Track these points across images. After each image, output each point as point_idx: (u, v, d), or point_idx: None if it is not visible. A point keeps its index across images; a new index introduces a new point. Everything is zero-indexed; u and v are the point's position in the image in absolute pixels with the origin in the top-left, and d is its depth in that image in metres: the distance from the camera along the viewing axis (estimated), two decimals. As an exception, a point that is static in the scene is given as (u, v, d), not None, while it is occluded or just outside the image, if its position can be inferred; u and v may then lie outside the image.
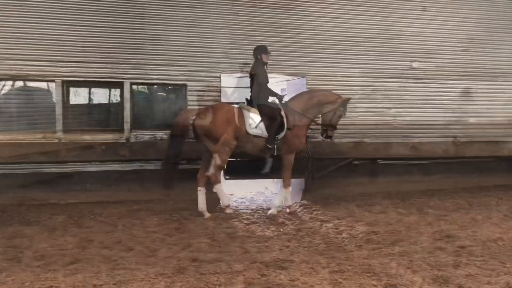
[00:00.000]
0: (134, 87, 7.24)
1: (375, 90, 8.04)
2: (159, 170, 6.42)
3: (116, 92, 7.25)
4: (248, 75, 6.74)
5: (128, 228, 5.61)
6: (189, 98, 7.27)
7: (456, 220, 6.03)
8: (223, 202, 6.48)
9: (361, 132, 8.03)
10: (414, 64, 8.32)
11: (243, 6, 7.47)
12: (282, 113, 6.42)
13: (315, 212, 6.66)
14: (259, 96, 6.46)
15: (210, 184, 6.36)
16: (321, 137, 6.79)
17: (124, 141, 7.06)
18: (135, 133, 7.12)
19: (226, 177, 7.00)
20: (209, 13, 7.35)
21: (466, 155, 8.50)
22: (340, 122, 7.58)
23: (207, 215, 6.26)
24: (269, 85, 6.56)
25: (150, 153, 7.06)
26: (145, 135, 7.15)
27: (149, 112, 7.31)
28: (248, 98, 6.64)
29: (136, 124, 7.21)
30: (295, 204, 6.79)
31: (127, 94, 7.11)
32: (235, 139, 6.21)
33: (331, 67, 7.85)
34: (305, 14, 7.77)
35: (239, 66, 7.44)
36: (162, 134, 7.18)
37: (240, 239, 5.18)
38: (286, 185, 6.55)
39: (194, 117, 6.17)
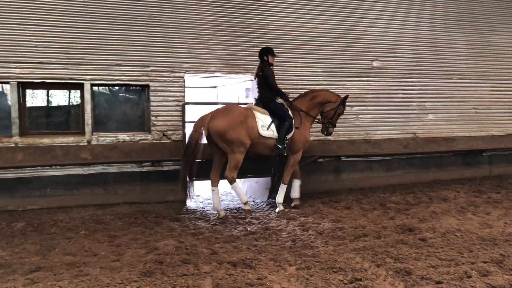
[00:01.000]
0: (95, 88, 7.05)
1: (337, 89, 8.17)
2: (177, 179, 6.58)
3: (76, 94, 7.04)
4: (253, 76, 6.96)
5: (91, 233, 5.47)
6: (152, 99, 7.16)
7: (417, 213, 6.25)
8: (241, 199, 6.60)
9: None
10: (375, 63, 8.52)
11: (207, 6, 7.42)
12: (290, 113, 6.71)
13: (281, 211, 6.73)
14: (269, 96, 6.72)
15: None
16: (323, 135, 7.14)
17: (86, 143, 6.87)
18: (96, 136, 6.94)
19: (194, 178, 6.94)
20: (172, 12, 7.25)
21: (425, 151, 8.80)
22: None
23: (222, 214, 6.40)
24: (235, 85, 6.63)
25: (113, 155, 6.91)
26: (107, 137, 6.98)
27: (111, 113, 7.15)
28: (256, 98, 6.89)
29: (98, 126, 7.03)
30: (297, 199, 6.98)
31: (87, 96, 6.92)
32: (249, 140, 6.41)
33: (294, 66, 7.92)
34: (268, 14, 7.81)
35: (203, 66, 7.39)
36: (125, 136, 7.04)
37: (207, 240, 5.17)
38: (285, 181, 6.82)
39: (209, 119, 6.32)
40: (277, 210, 6.69)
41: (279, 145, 6.55)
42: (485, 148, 9.34)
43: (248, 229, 5.70)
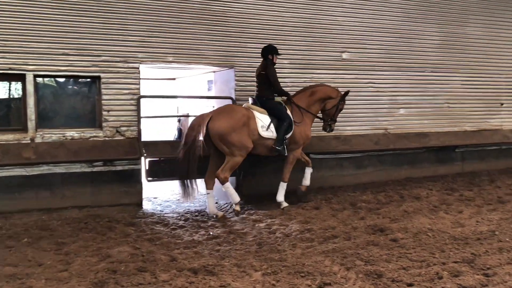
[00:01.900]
0: (39, 80, 6.82)
1: (305, 82, 8.26)
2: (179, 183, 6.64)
3: (17, 86, 6.79)
4: (256, 74, 7.12)
5: (35, 240, 5.30)
6: (103, 92, 7.00)
7: (388, 213, 6.42)
8: (233, 200, 6.67)
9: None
10: (344, 55, 8.67)
11: (164, -10, 7.32)
12: (288, 112, 6.95)
13: (247, 212, 6.80)
14: (269, 95, 6.94)
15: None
16: (325, 132, 7.50)
17: (29, 141, 6.64)
18: (41, 133, 6.71)
19: (149, 178, 6.87)
20: (125, -3, 7.11)
21: (397, 147, 9.04)
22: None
23: (220, 214, 6.56)
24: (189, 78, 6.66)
25: (60, 154, 6.70)
26: (53, 134, 6.77)
27: (58, 108, 6.93)
28: (254, 97, 7.06)
29: (43, 122, 6.80)
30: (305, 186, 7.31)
31: (30, 88, 6.68)
32: (251, 143, 6.61)
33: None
34: (232, 1, 7.79)
35: (161, 56, 7.29)
36: (73, 133, 6.85)
37: (165, 246, 5.12)
38: (285, 178, 7.08)
39: (208, 120, 6.43)
40: (282, 207, 6.91)
41: (277, 147, 6.76)
42: (458, 144, 9.70)
43: (211, 233, 5.69)
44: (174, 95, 9.99)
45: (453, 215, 6.27)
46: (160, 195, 8.46)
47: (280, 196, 7.02)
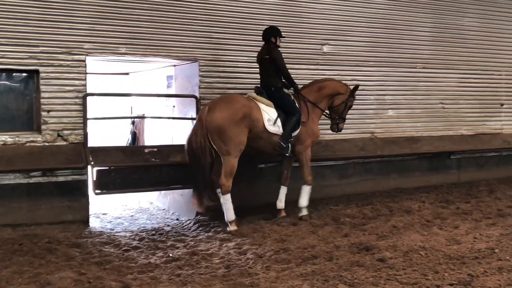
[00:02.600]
0: (-36, 73, 6.65)
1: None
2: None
3: None
4: (257, 60, 7.24)
5: (-42, 266, 5.14)
6: (42, 88, 6.87)
7: (375, 229, 6.51)
8: (227, 217, 6.71)
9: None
10: (325, 48, 8.78)
11: (115, -30, 7.26)
12: (296, 105, 7.12)
13: (213, 230, 6.80)
14: (276, 84, 7.06)
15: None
16: (333, 131, 7.79)
17: (-49, 147, 6.45)
18: (-34, 137, 6.54)
19: (97, 191, 6.79)
20: (69, -23, 7.02)
21: (385, 154, 9.19)
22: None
23: (233, 227, 6.64)
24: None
25: (-10, 163, 6.54)
26: (-18, 139, 6.60)
27: (-13, 107, 6.77)
28: (259, 86, 7.18)
29: (-32, 124, 6.63)
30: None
31: (-47, 84, 6.50)
32: (246, 141, 6.68)
33: (229, 50, 7.97)
34: (196, -15, 7.80)
35: (111, 47, 7.21)
36: (6, 137, 6.69)
37: (116, 271, 5.06)
38: (308, 180, 7.32)
39: (206, 113, 6.55)
40: (300, 215, 7.14)
41: (282, 143, 6.89)
42: (453, 150, 9.95)
43: (171, 254, 5.65)
44: (127, 93, 9.93)
45: (448, 231, 6.40)
46: (110, 211, 8.35)
47: (304, 201, 7.29)
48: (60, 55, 6.97)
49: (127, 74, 10.24)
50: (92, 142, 7.30)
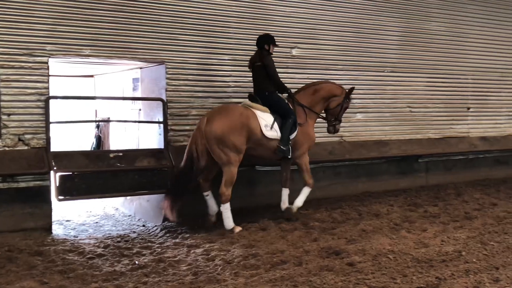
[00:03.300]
0: None
1: (249, 82, 8.33)
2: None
3: None
4: (249, 65, 7.46)
5: None
6: (2, 91, 6.70)
7: (344, 233, 6.60)
8: (227, 225, 6.87)
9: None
10: (294, 51, 8.85)
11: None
12: (290, 106, 7.33)
13: (181, 236, 6.76)
14: (269, 88, 7.27)
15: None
16: (330, 133, 8.05)
17: None
18: None
19: (60, 197, 6.68)
20: (30, -24, 6.90)
21: (354, 157, 9.31)
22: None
23: (238, 229, 6.81)
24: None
25: None
26: None
27: None
28: (252, 93, 7.40)
29: None
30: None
31: None
32: (245, 148, 6.89)
33: (197, 52, 7.95)
34: (162, -15, 7.76)
35: (75, 49, 7.10)
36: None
37: (80, 279, 4.99)
38: (310, 184, 7.54)
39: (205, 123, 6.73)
40: (289, 206, 7.43)
41: (282, 147, 7.11)
42: (421, 153, 10.14)
43: (136, 262, 5.59)
44: (91, 96, 9.79)
45: (416, 234, 6.53)
46: (74, 218, 8.22)
47: (299, 201, 7.49)
48: (21, 57, 6.83)
49: (91, 76, 10.11)
50: (55, 147, 7.19)
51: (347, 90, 7.86)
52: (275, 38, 7.51)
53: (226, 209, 6.85)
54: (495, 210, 7.90)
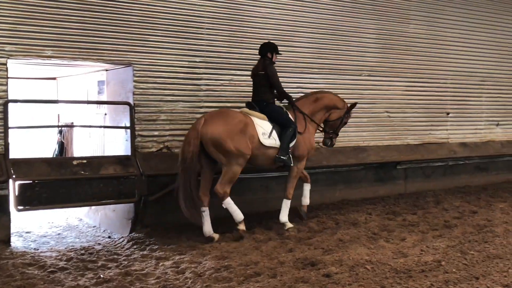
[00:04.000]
0: None
1: (222, 85, 8.34)
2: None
3: None
4: (252, 74, 7.67)
5: None
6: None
7: (321, 243, 6.63)
8: (236, 217, 7.05)
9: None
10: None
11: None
12: (290, 117, 7.54)
13: (149, 248, 6.71)
14: (269, 99, 7.50)
15: None
16: (325, 146, 8.27)
17: None
18: None
19: (19, 207, 6.57)
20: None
21: (331, 164, 9.37)
22: (180, 127, 7.85)
23: (217, 236, 6.95)
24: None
25: None
26: None
27: None
28: (251, 101, 7.56)
29: None
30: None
31: None
32: (250, 151, 7.05)
33: (166, 54, 7.90)
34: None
35: (36, 50, 7.00)
36: None
37: (40, 295, 4.89)
38: (289, 194, 7.68)
39: (202, 124, 6.88)
40: (286, 228, 7.42)
41: (282, 156, 7.27)
42: (400, 160, 10.27)
43: (101, 275, 5.52)
44: (54, 100, 9.67)
45: (394, 243, 6.59)
46: (34, 229, 8.09)
47: (284, 216, 7.53)
48: (-24, 58, 6.71)
49: (54, 79, 10.00)
50: (14, 154, 7.05)
51: (349, 105, 8.10)
52: (277, 46, 7.73)
53: (228, 204, 7.00)
54: (475, 218, 8.03)
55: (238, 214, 7.04)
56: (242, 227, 7.04)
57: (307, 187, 7.99)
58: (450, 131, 11.29)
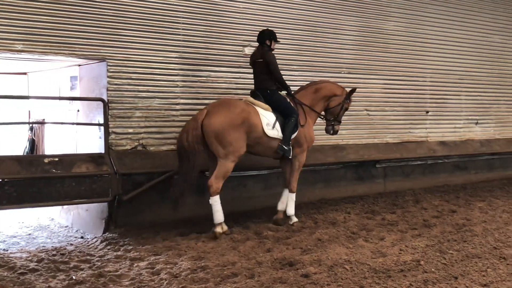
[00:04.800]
0: None
1: (199, 81, 8.31)
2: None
3: None
4: (250, 62, 7.81)
5: None
6: None
7: (299, 243, 6.66)
8: (216, 218, 7.05)
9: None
10: (247, 50, 8.87)
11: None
12: (292, 106, 7.65)
13: (123, 248, 6.65)
14: (271, 87, 7.58)
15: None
16: (328, 134, 8.44)
17: None
18: None
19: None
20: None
21: (310, 163, 9.39)
22: (156, 124, 7.83)
23: (225, 228, 7.11)
24: None
25: None
26: None
27: None
28: (254, 90, 7.69)
29: None
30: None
31: None
32: (246, 147, 7.18)
33: (141, 49, 7.84)
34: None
35: (5, 44, 6.89)
36: None
37: (10, 298, 4.83)
38: (293, 188, 7.84)
39: (204, 115, 6.99)
40: (291, 222, 7.67)
41: (284, 146, 7.41)
42: (379, 158, 10.36)
43: (74, 277, 5.46)
44: (24, 95, 9.54)
45: (373, 243, 6.65)
46: (3, 229, 7.98)
47: (291, 210, 7.76)
48: None
49: (24, 74, 9.90)
50: (-19, 151, 6.97)
51: (348, 91, 8.25)
52: (275, 34, 7.86)
53: (215, 201, 7.03)
54: (454, 217, 8.15)
55: (219, 216, 7.06)
56: (219, 229, 7.03)
57: (287, 193, 7.94)
58: (430, 130, 11.42)
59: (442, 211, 8.67)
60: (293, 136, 7.56)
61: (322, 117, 8.30)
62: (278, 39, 7.86)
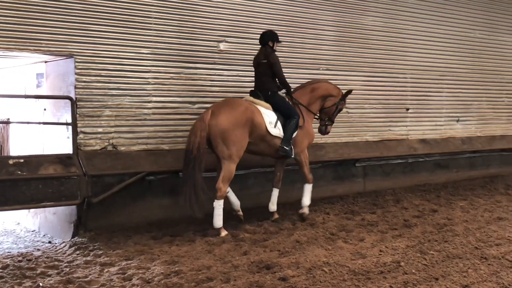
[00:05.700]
0: None
1: (172, 78, 8.26)
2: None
3: None
4: (254, 63, 8.12)
5: None
6: None
7: (277, 245, 6.68)
8: (215, 222, 7.26)
9: (157, 135, 8.16)
10: (222, 46, 8.85)
11: None
12: (293, 107, 8.00)
13: (93, 253, 6.61)
14: (273, 88, 7.92)
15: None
16: (321, 134, 8.81)
17: None
18: None
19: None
20: None
21: (288, 162, 9.40)
22: (126, 123, 7.79)
23: (224, 233, 7.25)
24: None
25: None
26: None
27: None
28: (254, 90, 8.00)
29: None
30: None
31: None
32: (246, 147, 7.45)
33: (111, 44, 7.77)
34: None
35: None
36: None
37: (-29, 307, 4.75)
38: (309, 179, 8.29)
39: (209, 116, 7.23)
40: (301, 211, 8.10)
41: (285, 146, 7.72)
42: (358, 157, 10.42)
43: (41, 284, 5.42)
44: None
45: (353, 244, 6.70)
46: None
47: (307, 200, 8.19)
48: None
49: (-12, 71, 9.69)
50: None
51: (343, 92, 8.59)
52: (277, 35, 8.20)
53: (219, 206, 7.25)
54: (435, 217, 8.25)
55: (219, 220, 7.26)
56: (222, 233, 7.24)
57: (276, 193, 8.26)
58: (410, 128, 11.52)
59: (423, 211, 8.77)
60: (293, 136, 7.85)
61: (317, 117, 8.54)
62: (280, 40, 8.20)
